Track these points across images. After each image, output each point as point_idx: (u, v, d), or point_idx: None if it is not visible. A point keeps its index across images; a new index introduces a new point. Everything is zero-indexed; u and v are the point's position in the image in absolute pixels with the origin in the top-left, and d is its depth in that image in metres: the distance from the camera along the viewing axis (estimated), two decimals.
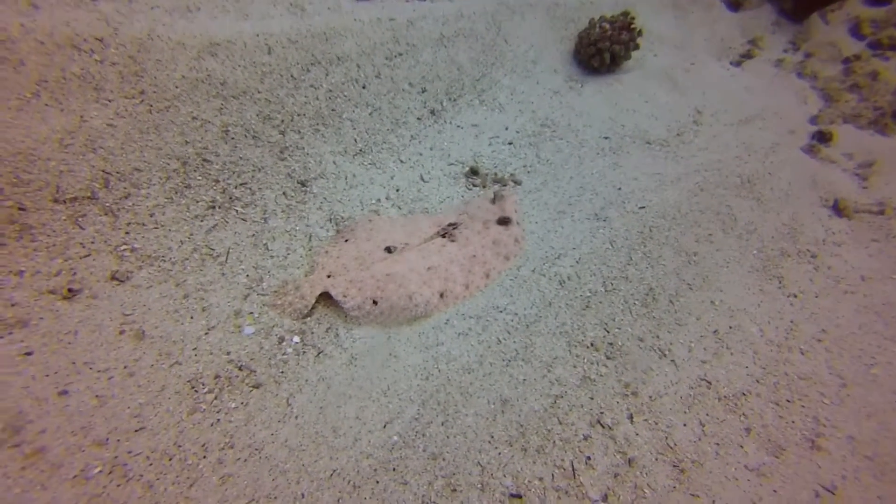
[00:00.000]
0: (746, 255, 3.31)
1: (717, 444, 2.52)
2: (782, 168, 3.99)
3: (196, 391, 2.07)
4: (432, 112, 3.80)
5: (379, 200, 3.12)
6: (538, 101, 4.42)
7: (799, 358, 2.96)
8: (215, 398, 2.08)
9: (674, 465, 2.38)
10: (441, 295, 2.55)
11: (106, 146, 2.44)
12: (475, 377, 2.26)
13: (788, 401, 2.76)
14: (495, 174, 3.49)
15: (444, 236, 2.73)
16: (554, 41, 5.22)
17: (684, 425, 2.53)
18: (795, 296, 3.30)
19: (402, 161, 3.40)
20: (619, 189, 3.33)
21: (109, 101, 2.52)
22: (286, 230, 2.76)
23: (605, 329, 2.62)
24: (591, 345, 2.55)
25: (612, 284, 2.76)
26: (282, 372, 2.23)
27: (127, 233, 2.36)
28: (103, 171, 2.37)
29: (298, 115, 3.12)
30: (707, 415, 2.60)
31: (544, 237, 2.96)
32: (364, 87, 3.48)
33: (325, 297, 2.51)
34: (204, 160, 2.68)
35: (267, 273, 2.56)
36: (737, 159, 3.97)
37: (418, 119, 3.68)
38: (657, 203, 3.24)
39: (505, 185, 3.41)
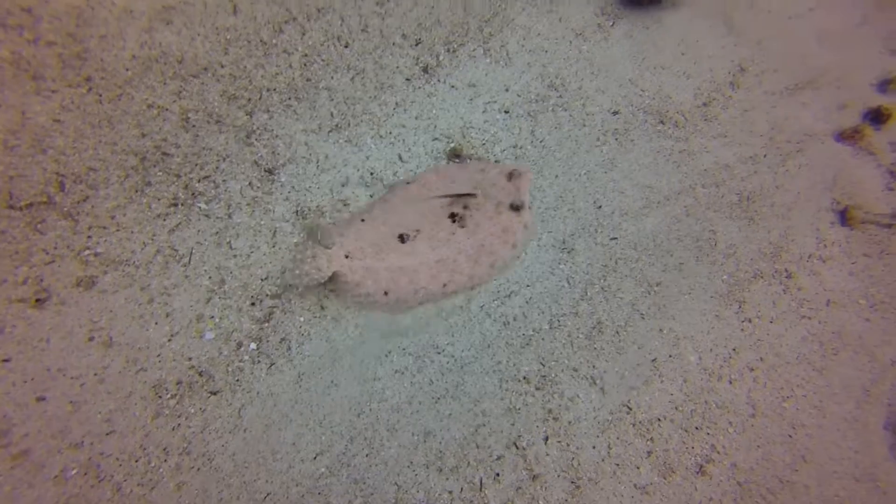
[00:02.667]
0: (714, 280, 3.10)
1: (617, 465, 2.72)
2: (797, 176, 3.46)
3: (160, 396, 2.25)
4: (425, 69, 3.23)
5: (347, 181, 2.87)
6: (553, 50, 3.70)
7: (725, 387, 2.99)
8: (177, 403, 2.26)
9: (572, 482, 2.62)
10: (444, 285, 2.57)
11: (56, 146, 2.20)
12: (403, 415, 2.38)
13: (697, 428, 2.87)
14: (479, 159, 3.13)
15: (454, 219, 2.58)
16: None
17: (593, 447, 2.70)
18: (750, 321, 3.18)
19: (381, 136, 3.02)
20: (599, 208, 2.97)
21: (52, 91, 2.19)
22: (250, 226, 2.62)
23: (540, 363, 2.63)
24: (524, 378, 2.59)
25: (558, 322, 2.68)
26: (237, 380, 2.37)
27: (89, 237, 2.29)
28: (57, 173, 2.19)
29: (268, 90, 2.69)
30: (617, 438, 2.76)
31: None
32: (347, 47, 2.91)
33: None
34: (164, 154, 2.43)
35: (229, 274, 2.53)
36: (748, 163, 3.42)
37: (407, 80, 3.16)
38: (632, 233, 2.92)
39: None
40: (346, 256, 2.50)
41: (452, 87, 3.30)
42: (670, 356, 2.93)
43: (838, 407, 3.00)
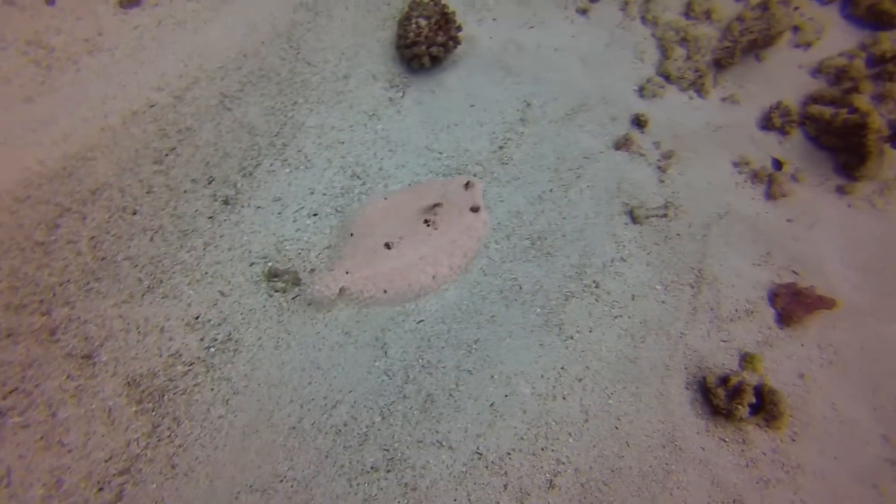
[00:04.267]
0: (529, 317, 3.55)
1: None
2: (580, 201, 4.00)
3: None
4: (226, 201, 3.41)
5: (175, 333, 3.02)
6: (350, 139, 3.99)
7: (560, 404, 3.45)
8: None
9: None
10: (433, 277, 3.26)
11: None
12: None
13: (543, 448, 3.32)
14: (295, 273, 3.37)
15: (427, 224, 3.30)
16: (372, 29, 4.47)
17: (455, 500, 3.07)
18: (572, 337, 3.65)
19: (198, 280, 3.19)
20: None
21: None
22: (80, 415, 2.72)
23: (384, 450, 2.95)
24: (372, 468, 2.90)
25: (389, 410, 3.01)
26: None
27: None
28: None
29: (61, 283, 2.78)
30: (475, 483, 3.14)
31: (327, 372, 3.06)
32: (135, 213, 3.04)
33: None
34: None
35: (67, 470, 2.62)
36: (536, 203, 3.91)
37: (210, 218, 3.33)
38: (436, 310, 3.30)
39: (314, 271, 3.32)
40: (347, 272, 3.18)
41: (258, 207, 3.50)
42: (506, 396, 3.35)
43: (648, 388, 3.56)
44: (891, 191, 4.76)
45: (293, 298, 3.25)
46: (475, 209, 3.44)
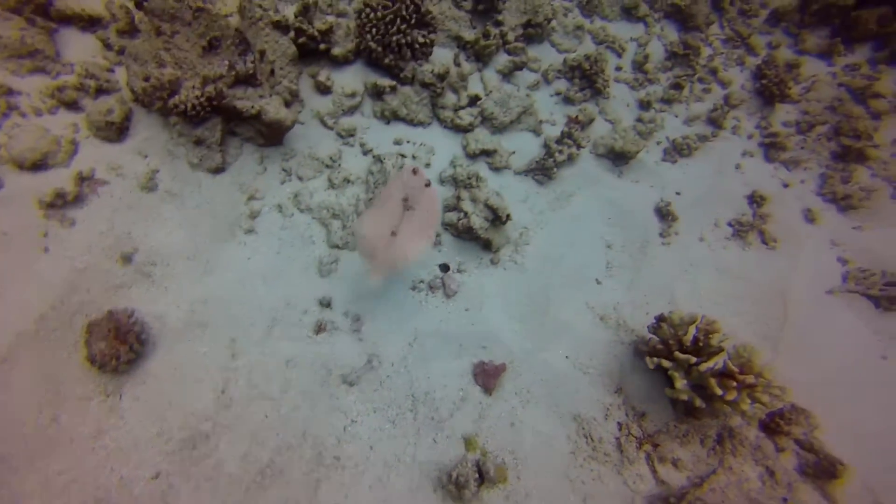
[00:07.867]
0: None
1: None
2: (294, 410, 5.09)
3: None
4: None
5: None
6: (82, 473, 4.56)
7: None
8: None
9: None
10: (428, 239, 4.82)
11: None
12: None
13: None
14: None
15: (408, 210, 4.75)
16: (66, 359, 5.09)
17: None
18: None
19: None
20: None
21: None
22: None
23: None
24: None
25: None
26: None
27: None
28: None
29: None
30: None
31: None
32: None
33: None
34: None
35: None
36: (258, 445, 4.94)
37: None
38: None
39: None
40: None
41: None
42: None
43: None
44: (519, 245, 6.71)
45: None
46: (427, 184, 4.81)
